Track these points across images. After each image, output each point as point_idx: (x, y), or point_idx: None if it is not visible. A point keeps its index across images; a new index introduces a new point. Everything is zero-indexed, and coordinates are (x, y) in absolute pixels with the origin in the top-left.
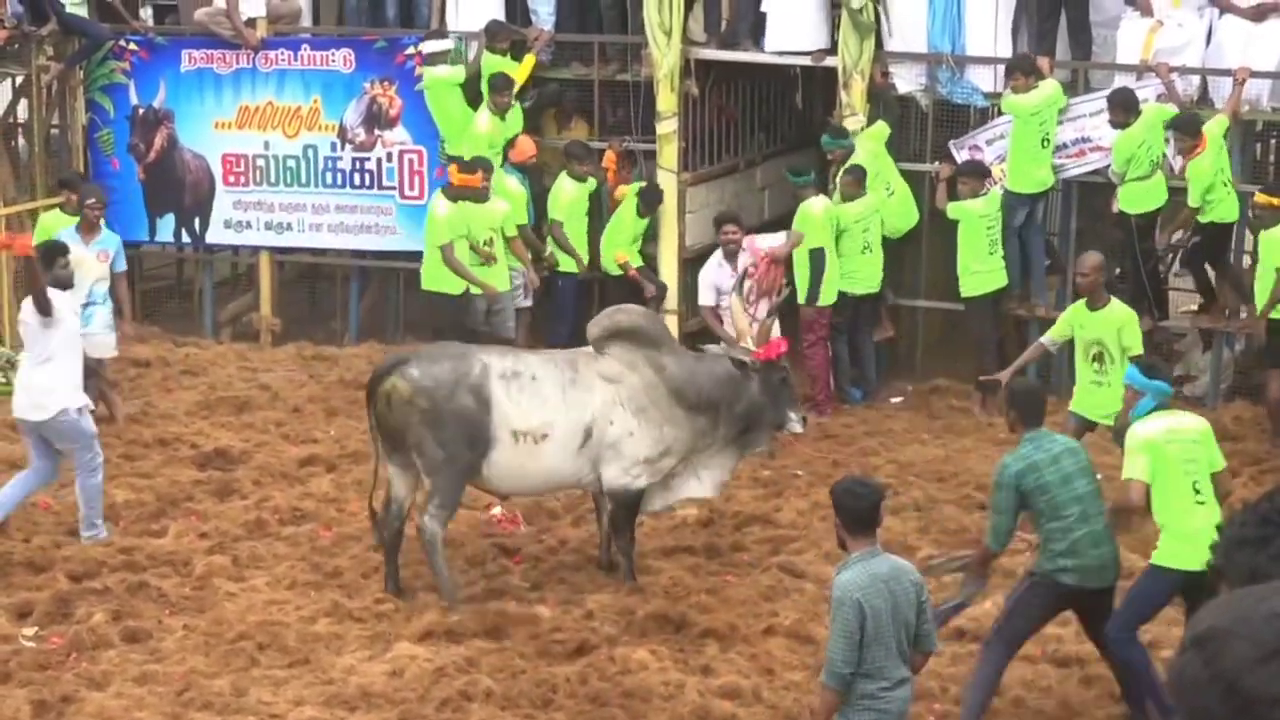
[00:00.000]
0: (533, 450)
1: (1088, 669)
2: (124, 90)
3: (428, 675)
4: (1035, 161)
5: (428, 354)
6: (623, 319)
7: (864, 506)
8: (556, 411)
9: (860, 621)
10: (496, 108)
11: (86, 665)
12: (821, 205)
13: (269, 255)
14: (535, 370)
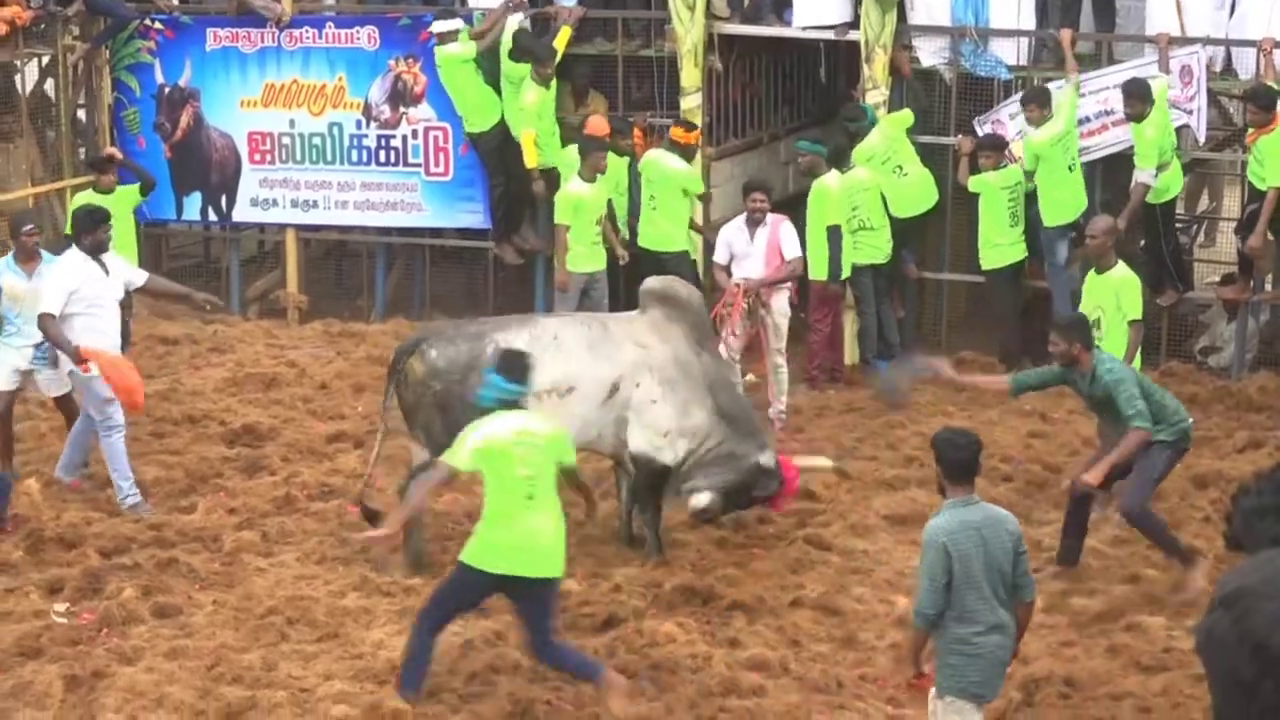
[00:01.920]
0: (559, 405)
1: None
2: (150, 69)
3: (456, 649)
4: (1065, 187)
5: (447, 334)
6: (679, 289)
7: (963, 457)
8: (581, 363)
9: (946, 565)
10: (540, 79)
11: (117, 640)
12: (837, 181)
13: (295, 233)
14: (555, 331)
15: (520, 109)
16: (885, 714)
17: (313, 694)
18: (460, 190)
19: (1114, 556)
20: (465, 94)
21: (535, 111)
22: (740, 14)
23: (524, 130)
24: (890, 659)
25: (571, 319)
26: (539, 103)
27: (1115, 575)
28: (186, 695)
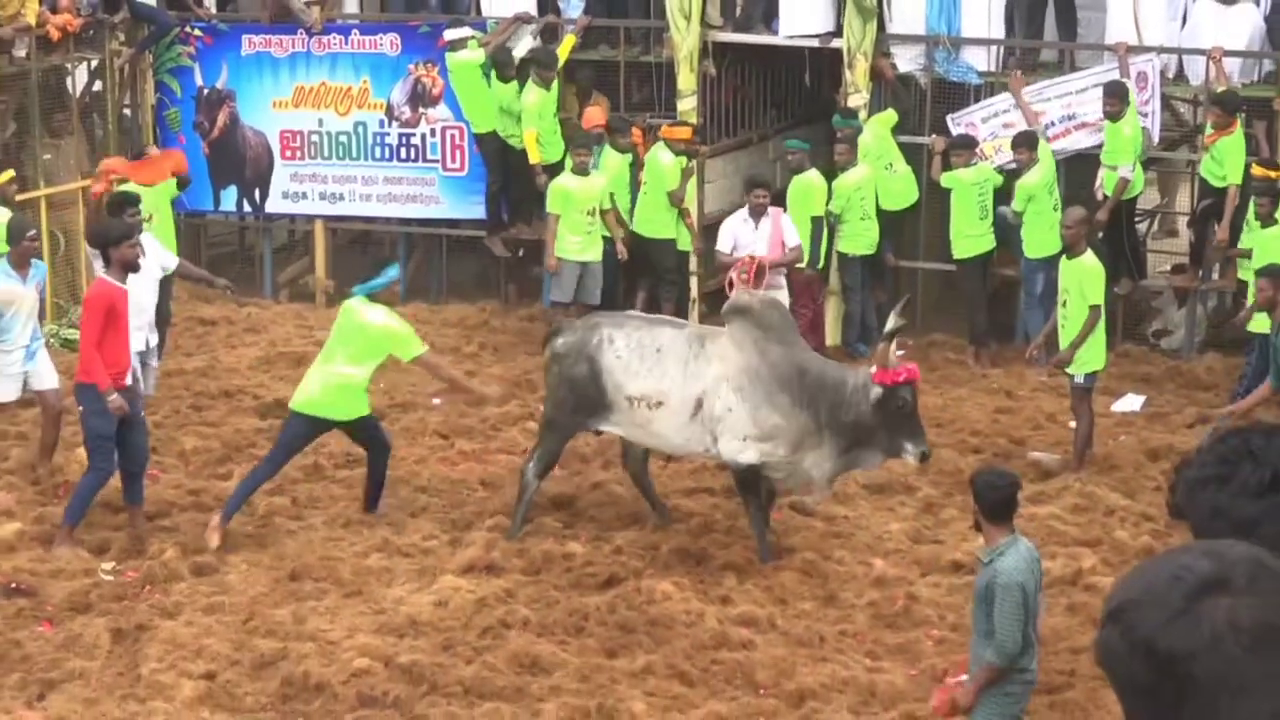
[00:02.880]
0: (649, 415)
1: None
2: (190, 72)
3: (470, 605)
4: (1050, 225)
5: (578, 323)
6: (745, 300)
7: (1003, 497)
8: (673, 382)
9: (1024, 602)
10: (542, 82)
11: (159, 596)
12: (817, 177)
13: (323, 223)
14: (663, 342)
15: (525, 108)
16: (864, 666)
17: (338, 646)
18: (474, 184)
19: (1074, 523)
20: (472, 96)
21: (536, 111)
22: (732, 23)
23: (526, 129)
24: (959, 695)
25: (680, 334)
26: (539, 104)
27: (1074, 539)
28: (223, 646)
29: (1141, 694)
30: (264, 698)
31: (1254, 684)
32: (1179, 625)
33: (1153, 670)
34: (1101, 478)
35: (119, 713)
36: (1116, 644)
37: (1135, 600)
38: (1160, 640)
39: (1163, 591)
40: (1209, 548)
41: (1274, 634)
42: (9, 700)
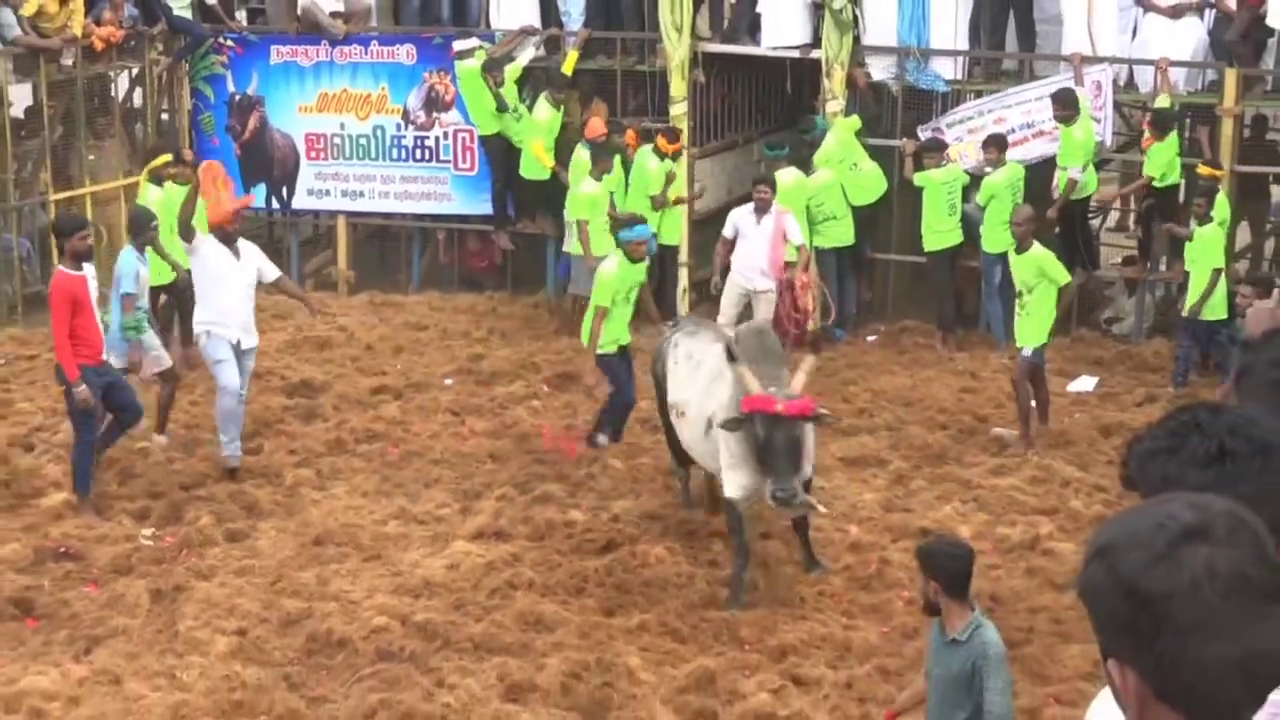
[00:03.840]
0: (680, 423)
1: (1030, 561)
2: (223, 80)
3: (480, 568)
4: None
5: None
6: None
7: (964, 567)
8: (695, 396)
9: None
10: (554, 102)
11: (195, 560)
12: (793, 176)
13: (345, 218)
14: (704, 356)
15: (535, 123)
16: (841, 624)
17: (359, 605)
18: (484, 183)
19: (1032, 493)
20: (477, 102)
21: (547, 126)
22: (720, 35)
23: (534, 140)
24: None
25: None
26: (550, 120)
27: (1032, 508)
28: (253, 606)
29: (1119, 628)
30: (291, 652)
31: (1225, 628)
32: (1160, 569)
33: (1132, 607)
34: (1057, 451)
35: (158, 666)
36: (1101, 581)
37: (1121, 542)
38: (1141, 581)
39: (1147, 536)
40: (1193, 500)
41: (1247, 583)
42: (59, 654)
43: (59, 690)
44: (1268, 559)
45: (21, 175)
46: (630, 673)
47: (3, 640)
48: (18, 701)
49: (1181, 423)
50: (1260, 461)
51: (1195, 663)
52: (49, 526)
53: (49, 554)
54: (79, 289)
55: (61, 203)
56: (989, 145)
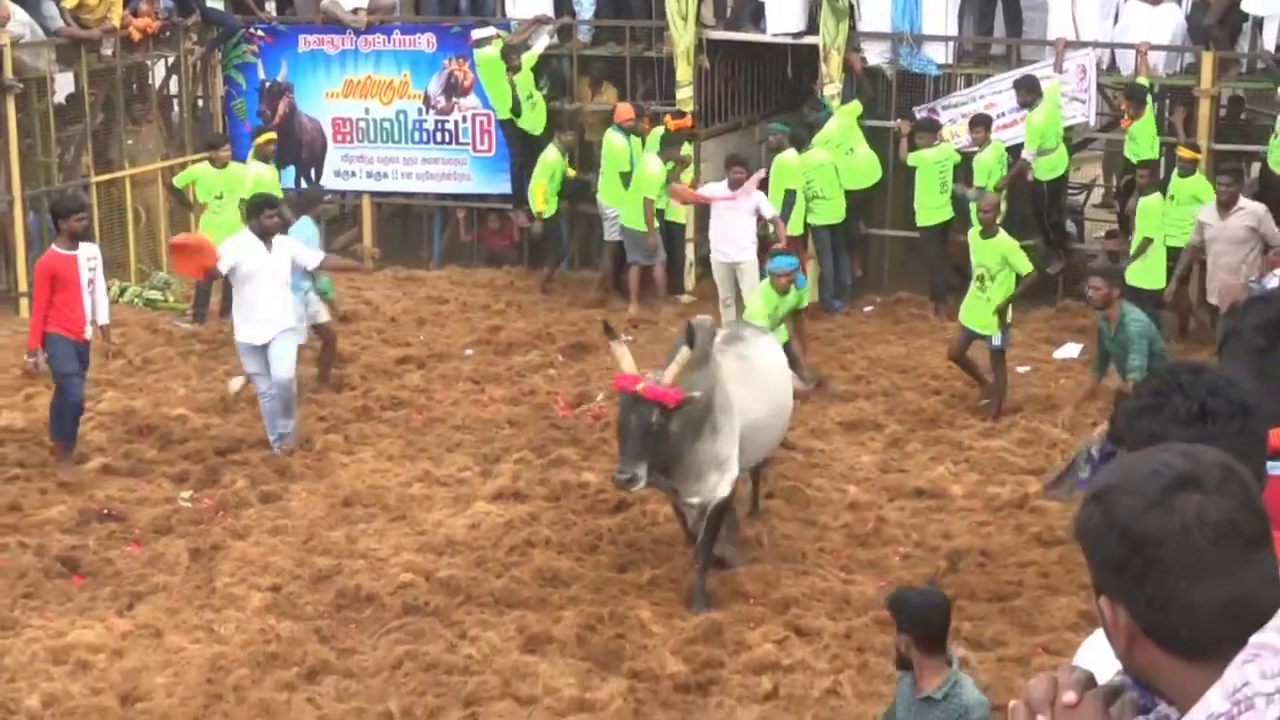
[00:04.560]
0: None
1: (1019, 518)
2: (254, 68)
3: (499, 527)
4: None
5: None
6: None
7: (940, 618)
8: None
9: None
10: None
11: (231, 520)
12: (793, 156)
13: (370, 198)
14: (720, 356)
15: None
16: (840, 579)
17: (385, 563)
18: (501, 164)
19: (1021, 454)
20: (495, 88)
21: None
22: (724, 22)
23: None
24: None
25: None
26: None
27: (1021, 469)
28: (286, 563)
29: (1112, 568)
30: (322, 607)
31: (1212, 572)
32: (1154, 514)
33: (1125, 549)
34: (1045, 415)
35: (197, 620)
36: (1097, 522)
37: (1117, 487)
38: (1135, 524)
39: (1142, 482)
40: (1187, 450)
41: (1235, 529)
42: (103, 609)
43: (104, 643)
44: (1255, 508)
45: (64, 159)
46: (642, 625)
47: (51, 596)
48: (66, 653)
49: (1165, 383)
50: (1239, 421)
51: (1183, 603)
52: (93, 489)
53: (93, 515)
54: (63, 267)
55: (102, 185)
56: (976, 125)
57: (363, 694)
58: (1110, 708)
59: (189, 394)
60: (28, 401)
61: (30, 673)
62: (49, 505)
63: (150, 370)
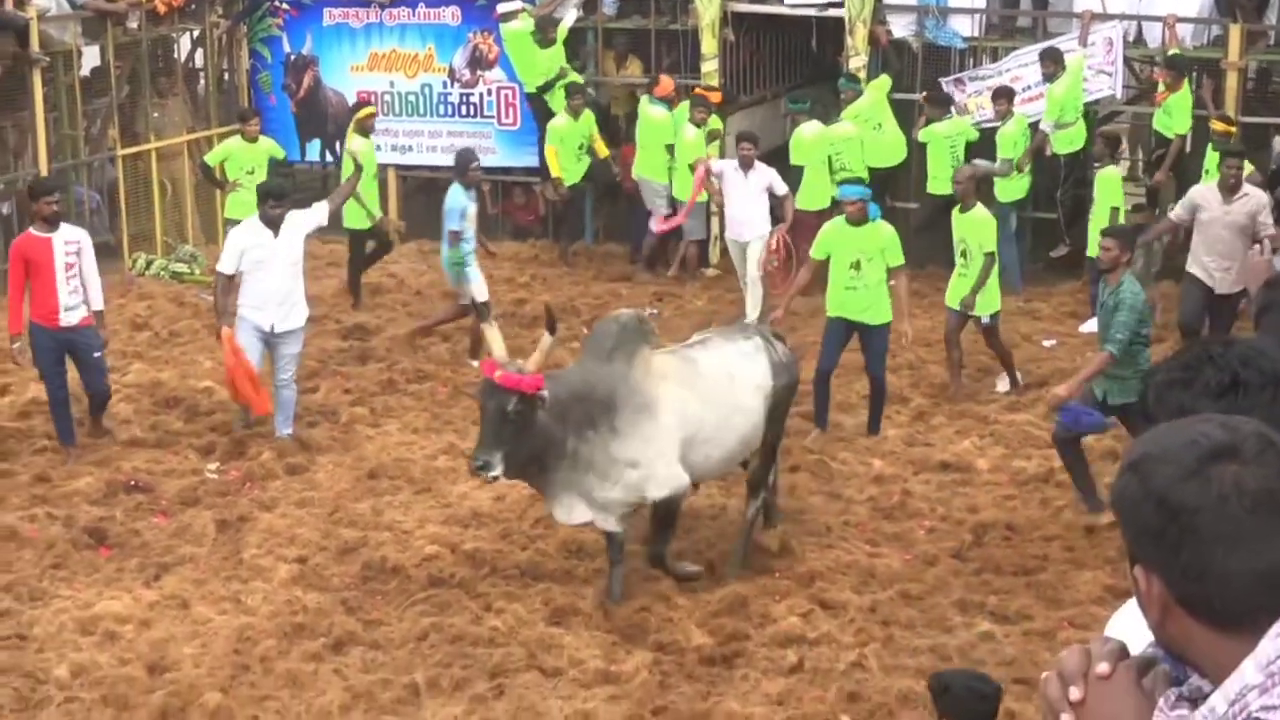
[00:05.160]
0: None
1: (1045, 492)
2: (279, 41)
3: (524, 500)
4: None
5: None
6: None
7: (990, 708)
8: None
9: None
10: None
11: (258, 492)
12: (812, 130)
13: (395, 171)
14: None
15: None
16: (865, 552)
17: (411, 535)
18: (525, 137)
19: (1045, 428)
20: (522, 61)
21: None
22: None
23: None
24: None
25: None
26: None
27: (1047, 443)
28: (312, 535)
29: (1148, 536)
30: (348, 579)
31: (1249, 541)
32: (1191, 483)
33: (1161, 518)
34: None
35: (224, 591)
36: (1134, 491)
37: (1155, 456)
38: (1172, 493)
39: (1180, 452)
40: (1225, 420)
41: (1273, 500)
42: (130, 580)
43: (131, 614)
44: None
45: (91, 132)
46: (666, 597)
47: (79, 567)
48: (93, 624)
49: (1195, 355)
50: (1271, 392)
51: (1219, 573)
52: (120, 461)
53: (121, 487)
54: (35, 251)
55: (128, 158)
56: (998, 97)
57: (389, 665)
58: (1143, 679)
59: (215, 366)
60: None
61: (59, 643)
62: (77, 477)
63: (177, 343)
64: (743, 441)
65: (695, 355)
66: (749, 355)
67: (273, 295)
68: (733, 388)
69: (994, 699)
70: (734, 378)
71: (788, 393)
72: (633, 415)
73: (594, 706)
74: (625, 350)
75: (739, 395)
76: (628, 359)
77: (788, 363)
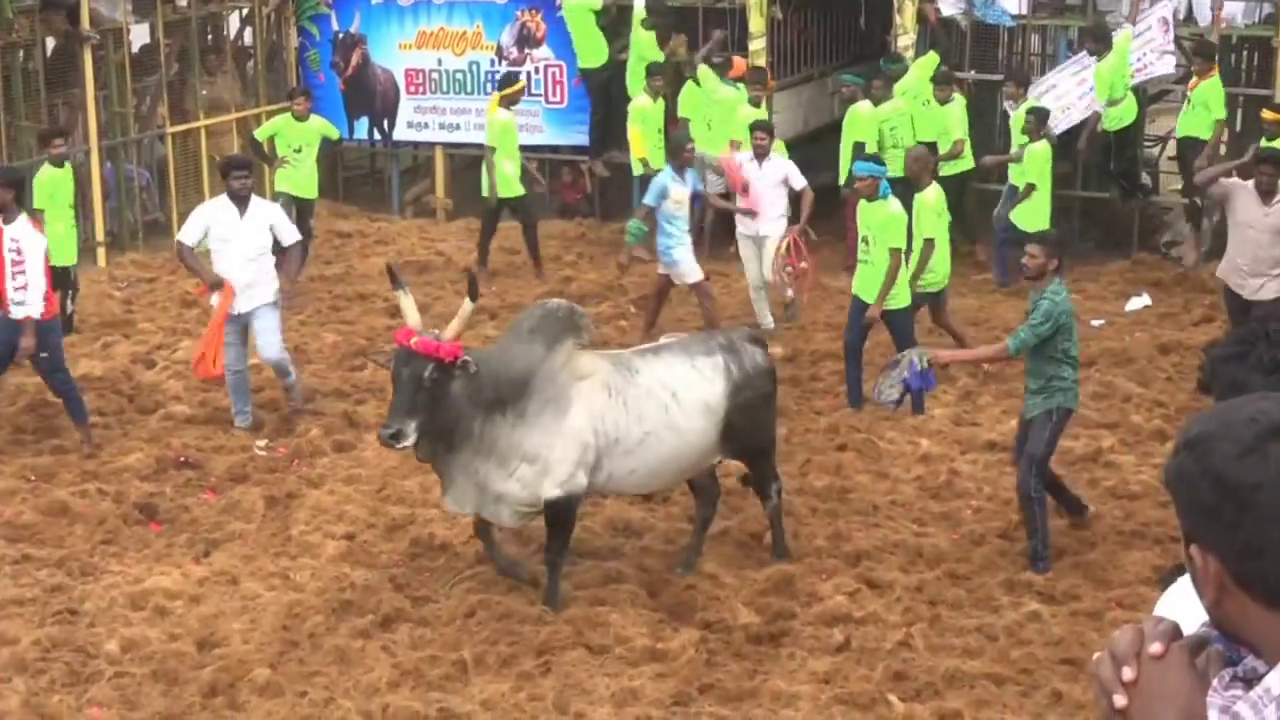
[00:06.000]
0: None
1: (1093, 473)
2: (327, 19)
3: None
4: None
5: None
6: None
7: None
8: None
9: None
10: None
11: (306, 469)
12: (868, 108)
13: (442, 149)
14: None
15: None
16: (912, 531)
17: None
18: (573, 115)
19: (1094, 408)
20: (584, 37)
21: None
22: None
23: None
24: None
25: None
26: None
27: (1095, 423)
28: (360, 512)
29: (1204, 514)
30: (395, 555)
31: None
32: (1249, 460)
33: (1218, 496)
34: (1118, 369)
35: (273, 568)
36: (1191, 469)
37: (1212, 434)
38: (1230, 471)
39: (1238, 430)
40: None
41: None
42: (180, 556)
43: (181, 589)
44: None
45: (140, 110)
46: (713, 575)
47: (130, 543)
48: (144, 599)
49: (1250, 331)
50: None
51: (1277, 551)
52: (170, 437)
53: (171, 463)
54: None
55: (178, 135)
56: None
57: (437, 642)
58: (1196, 659)
59: None
60: (105, 350)
61: (109, 618)
62: (127, 453)
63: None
64: (680, 461)
65: (638, 364)
66: (703, 376)
67: (238, 278)
68: (673, 407)
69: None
70: (677, 397)
71: (756, 406)
72: (542, 405)
73: (640, 684)
74: (546, 336)
75: (678, 415)
76: (548, 346)
77: (757, 374)
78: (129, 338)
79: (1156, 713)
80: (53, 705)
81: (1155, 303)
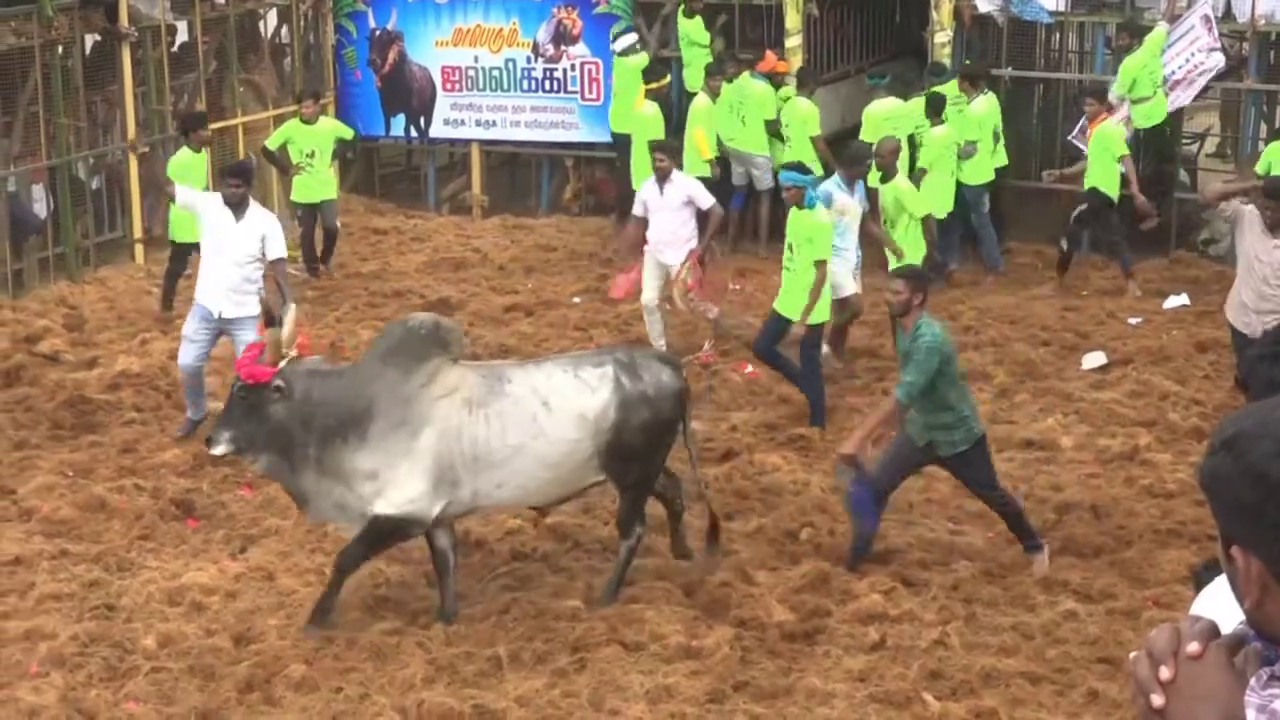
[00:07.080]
0: None
1: (1130, 471)
2: (364, 16)
3: None
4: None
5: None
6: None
7: None
8: None
9: None
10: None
11: None
12: (886, 105)
13: (479, 146)
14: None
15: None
16: (947, 529)
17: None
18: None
19: (1131, 406)
20: (621, 96)
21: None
22: None
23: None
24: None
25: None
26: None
27: (1132, 420)
28: None
29: (1245, 514)
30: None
31: None
32: None
33: (1259, 495)
34: (1156, 367)
35: (309, 563)
36: (1229, 469)
37: (1250, 433)
38: (1272, 469)
39: (1276, 428)
40: None
41: None
42: (216, 552)
43: (218, 585)
44: None
45: (178, 106)
46: (748, 573)
47: (167, 539)
48: (180, 594)
49: None
50: None
51: None
52: (206, 433)
53: (208, 459)
54: None
55: (215, 133)
56: (964, 78)
57: (471, 638)
58: (1234, 658)
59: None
60: (143, 346)
61: (146, 613)
62: (164, 449)
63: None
64: (557, 471)
65: (511, 375)
66: (586, 385)
67: (224, 281)
68: (542, 415)
69: None
70: (548, 405)
71: (650, 429)
72: (387, 429)
73: (675, 681)
74: (405, 358)
75: (547, 424)
76: (404, 368)
77: (658, 395)
78: (167, 334)
79: (1194, 712)
80: (90, 700)
81: (1193, 301)
